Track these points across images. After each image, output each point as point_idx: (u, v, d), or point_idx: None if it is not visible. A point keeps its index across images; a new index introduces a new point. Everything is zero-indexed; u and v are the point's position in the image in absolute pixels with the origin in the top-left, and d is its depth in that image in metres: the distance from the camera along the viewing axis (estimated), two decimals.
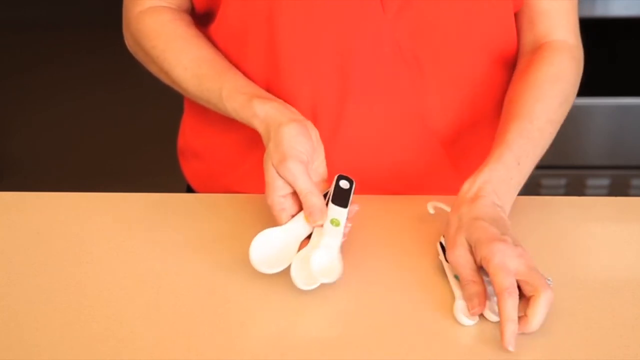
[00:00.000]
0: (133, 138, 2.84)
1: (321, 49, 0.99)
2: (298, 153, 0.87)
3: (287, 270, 0.86)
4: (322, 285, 0.87)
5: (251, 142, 1.07)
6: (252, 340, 0.81)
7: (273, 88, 1.02)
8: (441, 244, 0.91)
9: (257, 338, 0.81)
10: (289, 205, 0.88)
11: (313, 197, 0.86)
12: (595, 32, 1.19)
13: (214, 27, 1.05)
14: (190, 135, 1.16)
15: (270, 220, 0.95)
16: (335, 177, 0.90)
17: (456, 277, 0.85)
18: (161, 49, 1.02)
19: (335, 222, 0.85)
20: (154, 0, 1.05)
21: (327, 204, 0.87)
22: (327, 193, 0.89)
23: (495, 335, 0.81)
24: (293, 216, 0.88)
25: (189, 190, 1.20)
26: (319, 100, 1.01)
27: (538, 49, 1.03)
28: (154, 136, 2.61)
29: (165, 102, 1.10)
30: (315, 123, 1.03)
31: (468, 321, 0.82)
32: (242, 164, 1.09)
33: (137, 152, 2.76)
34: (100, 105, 3.05)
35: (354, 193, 0.90)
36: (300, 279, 0.82)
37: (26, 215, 1.00)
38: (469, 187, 0.90)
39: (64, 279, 0.88)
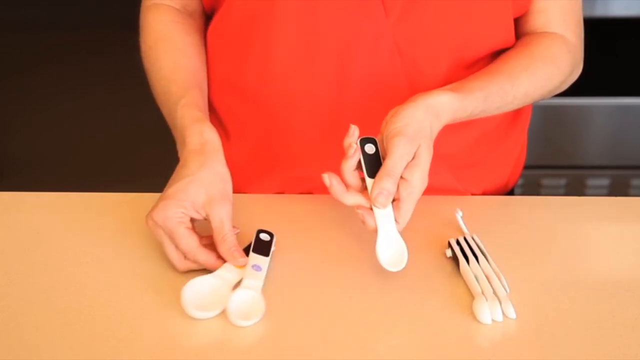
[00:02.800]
0: (133, 138, 2.84)
1: (321, 51, 0.99)
2: (224, 194, 0.88)
3: (297, 267, 0.88)
4: (326, 286, 0.87)
5: (253, 145, 1.07)
6: (253, 340, 0.80)
7: (270, 89, 1.02)
8: (449, 243, 0.91)
9: (258, 338, 0.81)
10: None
11: (229, 238, 0.86)
12: (595, 32, 1.19)
13: (213, 27, 1.05)
14: None
15: (270, 220, 0.95)
16: (256, 232, 0.91)
17: (476, 277, 0.86)
18: (149, 46, 1.04)
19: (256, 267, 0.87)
20: None
21: (248, 254, 0.88)
22: (249, 244, 0.90)
23: (497, 335, 0.81)
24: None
25: None
26: (316, 103, 1.01)
27: (537, 34, 1.04)
28: (154, 136, 2.60)
29: None
30: (313, 127, 1.03)
31: (488, 319, 0.82)
32: (244, 167, 1.09)
33: (137, 152, 2.75)
34: (100, 106, 3.04)
35: (275, 245, 0.91)
36: (238, 318, 0.82)
37: (26, 215, 1.00)
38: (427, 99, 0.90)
39: (64, 279, 0.88)
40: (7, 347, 0.79)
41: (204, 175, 0.88)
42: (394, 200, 0.86)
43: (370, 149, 0.88)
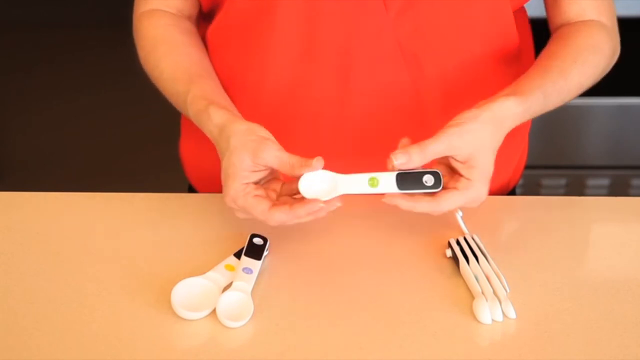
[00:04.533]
0: (134, 138, 2.84)
1: (322, 47, 0.99)
2: (272, 138, 0.89)
3: (294, 267, 0.88)
4: (323, 287, 0.87)
5: None
6: (254, 340, 0.81)
7: (272, 87, 1.02)
8: (449, 243, 0.91)
9: (259, 338, 0.81)
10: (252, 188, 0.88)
11: (293, 159, 0.86)
12: None
13: (214, 26, 1.05)
14: (191, 136, 1.16)
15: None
16: (249, 236, 0.92)
17: (476, 277, 0.86)
18: (147, 51, 1.04)
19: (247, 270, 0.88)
20: (155, 4, 1.06)
21: (240, 258, 0.89)
22: (242, 248, 0.91)
23: (497, 335, 0.81)
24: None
25: (191, 190, 1.20)
26: (319, 100, 1.01)
27: (573, 24, 1.04)
28: (155, 136, 2.61)
29: (166, 102, 1.10)
30: (316, 122, 1.03)
31: (488, 319, 0.82)
32: None
33: (138, 152, 2.75)
34: (100, 105, 3.04)
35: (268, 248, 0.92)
36: (227, 319, 0.82)
37: (26, 215, 1.00)
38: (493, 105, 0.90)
39: (64, 279, 0.88)
40: (7, 347, 0.79)
41: (235, 144, 0.88)
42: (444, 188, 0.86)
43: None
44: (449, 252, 0.91)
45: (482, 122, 0.87)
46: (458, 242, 0.91)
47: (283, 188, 0.90)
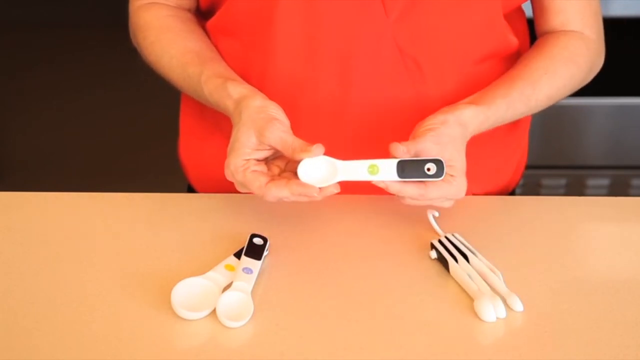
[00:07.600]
0: (133, 138, 2.84)
1: (322, 52, 0.99)
2: (282, 118, 0.90)
3: (294, 267, 0.88)
4: (322, 287, 0.87)
5: None
6: (253, 340, 0.81)
7: (272, 90, 1.02)
8: (432, 244, 0.91)
9: (259, 338, 0.81)
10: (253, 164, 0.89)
11: (297, 143, 0.88)
12: None
13: (213, 25, 1.05)
14: (190, 137, 1.16)
15: (269, 220, 0.95)
16: (249, 236, 0.92)
17: (469, 275, 0.86)
18: (151, 41, 1.05)
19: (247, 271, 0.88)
20: None
21: (240, 258, 0.89)
22: (242, 248, 0.90)
23: (497, 335, 0.81)
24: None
25: (190, 190, 1.20)
26: (319, 103, 1.01)
27: (555, 33, 1.05)
28: (154, 136, 2.61)
29: (166, 102, 1.10)
30: (316, 125, 1.03)
31: (492, 317, 0.82)
32: None
33: (137, 152, 2.75)
34: (100, 105, 3.04)
35: (268, 249, 0.92)
36: (227, 319, 0.82)
37: (26, 215, 1.00)
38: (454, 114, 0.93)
39: (64, 279, 0.88)
40: (7, 347, 0.79)
41: (245, 119, 0.90)
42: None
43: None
44: (433, 254, 0.91)
45: (451, 125, 0.91)
46: (442, 243, 0.90)
47: (288, 165, 0.91)
